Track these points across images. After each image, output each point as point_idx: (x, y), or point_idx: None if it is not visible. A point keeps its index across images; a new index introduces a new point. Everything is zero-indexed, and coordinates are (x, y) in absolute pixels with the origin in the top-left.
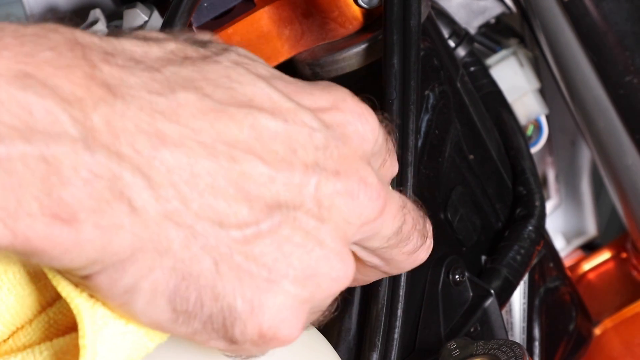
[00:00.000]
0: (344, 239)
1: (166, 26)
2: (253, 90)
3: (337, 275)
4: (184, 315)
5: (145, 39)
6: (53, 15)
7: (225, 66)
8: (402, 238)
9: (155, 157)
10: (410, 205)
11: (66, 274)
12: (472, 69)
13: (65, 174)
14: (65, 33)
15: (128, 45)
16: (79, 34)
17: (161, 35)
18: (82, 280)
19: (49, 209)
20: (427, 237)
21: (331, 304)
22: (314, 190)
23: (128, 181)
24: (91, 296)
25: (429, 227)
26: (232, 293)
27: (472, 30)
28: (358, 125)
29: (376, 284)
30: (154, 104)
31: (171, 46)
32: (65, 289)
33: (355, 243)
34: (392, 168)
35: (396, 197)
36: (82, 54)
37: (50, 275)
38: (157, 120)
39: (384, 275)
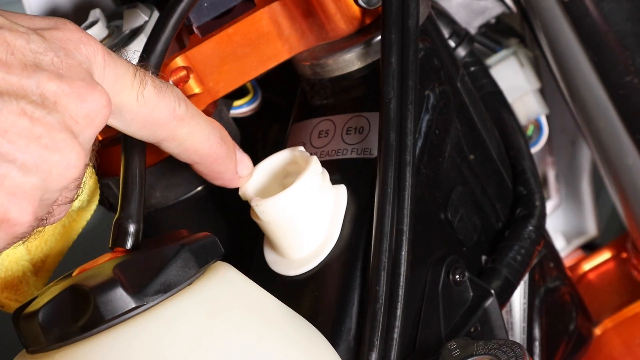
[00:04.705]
0: (72, 132)
1: (161, 24)
2: None
3: (67, 163)
4: None
5: None
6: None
7: None
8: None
9: None
10: None
11: None
12: (472, 69)
13: None
14: None
15: None
16: None
17: None
18: None
19: None
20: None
21: (63, 199)
22: (36, 86)
23: None
24: None
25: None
26: None
27: (473, 30)
28: (80, 45)
29: (374, 283)
30: None
31: None
32: None
33: None
34: None
35: None
36: None
37: None
38: None
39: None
